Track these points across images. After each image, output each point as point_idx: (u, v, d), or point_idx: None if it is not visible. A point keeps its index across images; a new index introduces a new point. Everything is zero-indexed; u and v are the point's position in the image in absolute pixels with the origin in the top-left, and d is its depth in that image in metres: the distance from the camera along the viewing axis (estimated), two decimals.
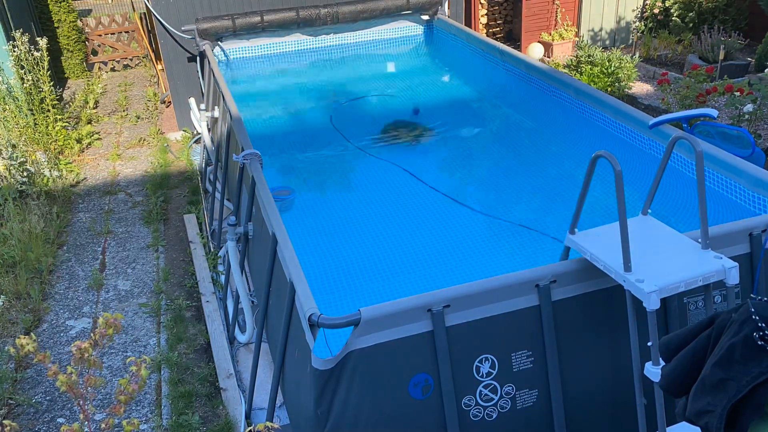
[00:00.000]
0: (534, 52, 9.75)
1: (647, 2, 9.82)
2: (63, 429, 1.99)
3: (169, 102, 9.00)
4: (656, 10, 9.69)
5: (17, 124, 7.26)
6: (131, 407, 4.05)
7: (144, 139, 8.24)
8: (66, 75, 10.79)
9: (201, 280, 5.18)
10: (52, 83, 7.74)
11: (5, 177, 6.11)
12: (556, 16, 9.91)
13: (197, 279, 5.21)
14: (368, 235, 4.78)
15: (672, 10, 9.35)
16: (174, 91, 8.19)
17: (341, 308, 3.94)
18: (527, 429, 2.99)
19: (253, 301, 4.41)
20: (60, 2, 10.41)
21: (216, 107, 6.28)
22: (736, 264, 2.64)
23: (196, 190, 6.80)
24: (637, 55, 9.28)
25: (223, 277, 5.09)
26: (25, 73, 7.43)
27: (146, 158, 7.73)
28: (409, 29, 8.60)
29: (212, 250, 5.56)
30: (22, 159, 6.50)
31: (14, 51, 7.35)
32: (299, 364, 3.02)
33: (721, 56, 7.88)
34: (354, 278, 4.33)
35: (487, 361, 2.84)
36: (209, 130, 6.66)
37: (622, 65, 7.94)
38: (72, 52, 10.75)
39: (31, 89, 7.51)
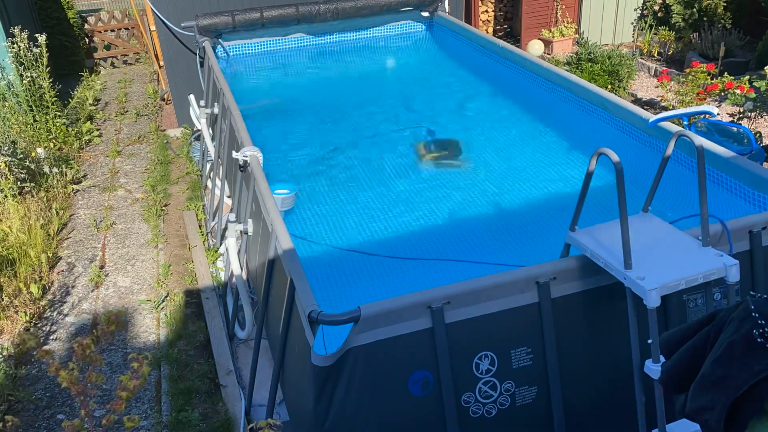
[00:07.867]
0: (534, 49, 9.73)
1: None
2: (64, 425, 1.99)
3: (169, 99, 8.99)
4: (656, 7, 9.68)
5: (17, 121, 7.25)
6: (131, 403, 4.06)
7: (144, 136, 8.23)
8: (66, 72, 10.77)
9: (201, 276, 5.19)
10: (51, 80, 7.72)
11: (5, 173, 6.10)
12: (557, 14, 9.90)
13: (197, 276, 5.22)
14: (368, 232, 4.78)
15: (672, 7, 9.34)
16: (174, 87, 8.17)
17: (341, 305, 3.94)
18: (526, 426, 3.00)
19: (252, 298, 4.40)
20: None
21: (216, 104, 6.27)
22: (737, 262, 2.64)
23: (195, 187, 6.79)
24: (638, 52, 9.28)
25: (222, 274, 5.09)
26: (24, 70, 7.42)
27: (146, 155, 7.72)
28: (408, 26, 8.58)
29: (212, 246, 5.56)
30: (21, 156, 6.49)
31: (13, 47, 7.33)
32: (299, 360, 3.02)
33: (722, 53, 7.87)
34: (354, 275, 4.33)
35: (486, 358, 2.84)
36: (209, 126, 6.65)
37: (623, 62, 7.94)
38: (72, 48, 10.72)
39: (30, 86, 7.50)
